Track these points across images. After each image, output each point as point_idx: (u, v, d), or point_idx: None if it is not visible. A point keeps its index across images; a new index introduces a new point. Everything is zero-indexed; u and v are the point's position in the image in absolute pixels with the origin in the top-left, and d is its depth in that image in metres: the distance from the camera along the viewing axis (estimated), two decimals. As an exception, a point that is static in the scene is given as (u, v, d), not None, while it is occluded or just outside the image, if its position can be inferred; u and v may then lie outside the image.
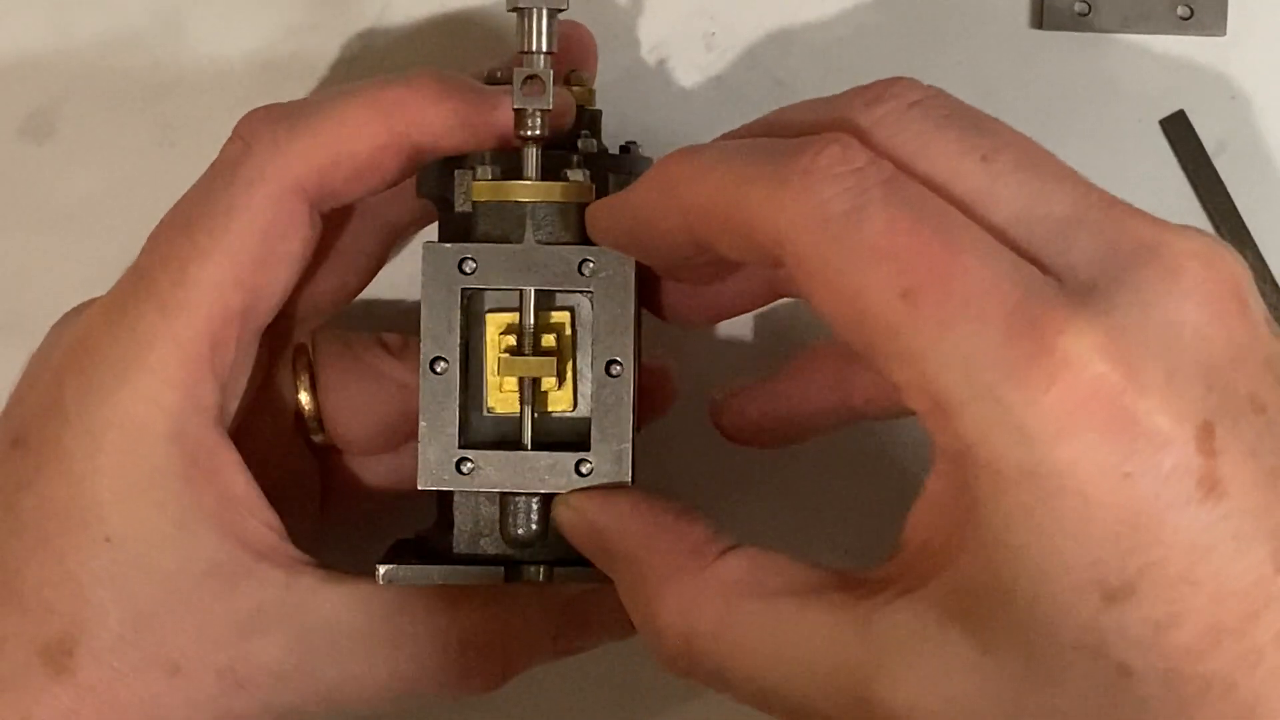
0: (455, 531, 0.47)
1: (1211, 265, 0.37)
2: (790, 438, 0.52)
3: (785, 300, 0.53)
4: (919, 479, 0.40)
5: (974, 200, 0.38)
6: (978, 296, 0.36)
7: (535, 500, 0.46)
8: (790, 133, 0.41)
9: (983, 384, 0.35)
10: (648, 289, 0.47)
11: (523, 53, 0.45)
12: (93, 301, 0.48)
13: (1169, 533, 0.35)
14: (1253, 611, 0.35)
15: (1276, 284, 0.57)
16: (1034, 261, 0.37)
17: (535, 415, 0.46)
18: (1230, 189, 0.57)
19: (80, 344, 0.47)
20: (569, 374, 0.46)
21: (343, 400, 0.51)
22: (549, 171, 0.46)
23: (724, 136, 0.44)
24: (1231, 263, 0.37)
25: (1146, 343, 0.35)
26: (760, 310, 0.53)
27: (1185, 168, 0.57)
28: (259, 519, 0.47)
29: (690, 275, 0.47)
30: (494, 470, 0.45)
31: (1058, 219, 0.38)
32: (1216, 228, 0.57)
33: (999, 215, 0.38)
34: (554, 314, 0.46)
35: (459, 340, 0.45)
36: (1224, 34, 0.57)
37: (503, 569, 0.47)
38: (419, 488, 0.46)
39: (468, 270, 0.45)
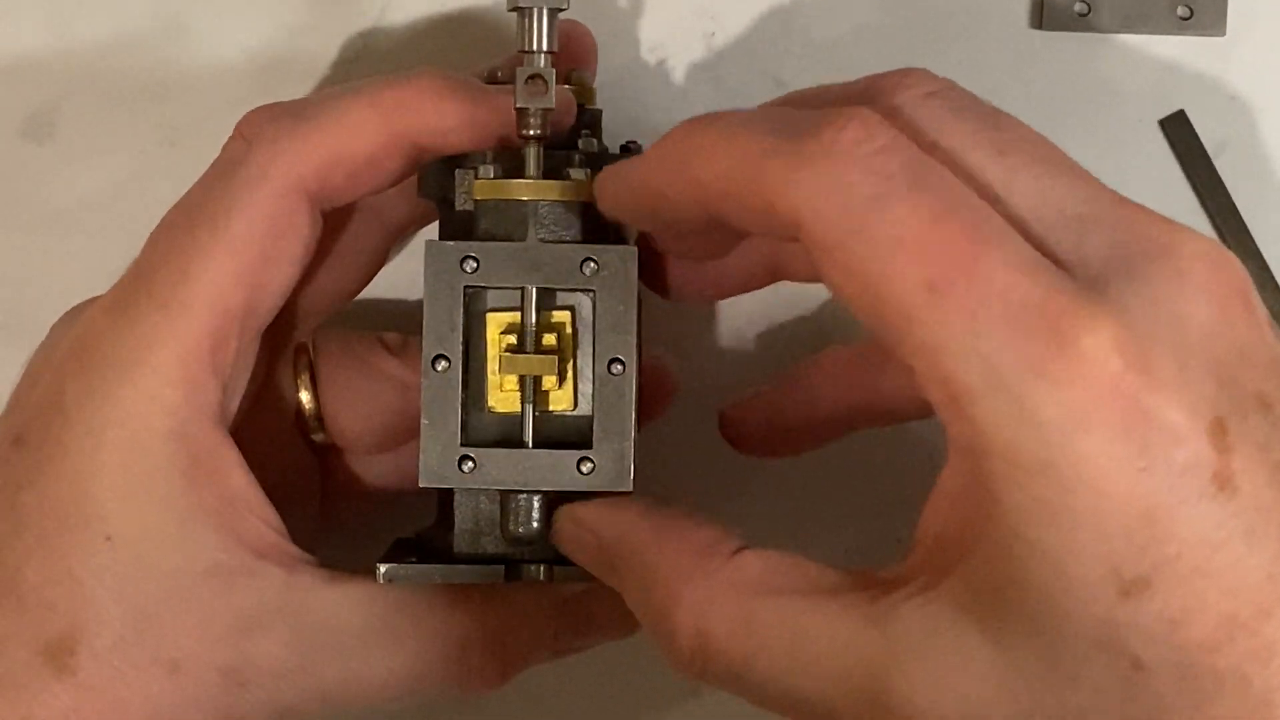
0: (456, 530, 0.47)
1: (1218, 267, 0.37)
2: (797, 447, 0.52)
3: (786, 305, 0.53)
4: (920, 480, 0.40)
5: (990, 192, 0.38)
6: (1002, 292, 0.36)
7: (536, 498, 0.46)
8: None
9: (1004, 378, 0.35)
10: (648, 267, 0.47)
11: (523, 52, 0.46)
12: (94, 300, 0.48)
13: (1183, 527, 0.35)
14: (1265, 607, 0.35)
15: (1277, 284, 0.57)
16: (1047, 254, 0.37)
17: (536, 414, 0.46)
18: (1230, 189, 0.57)
19: (81, 343, 0.47)
20: (570, 373, 0.46)
21: (343, 399, 0.51)
22: (550, 171, 0.46)
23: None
24: (1237, 265, 0.38)
25: (1160, 340, 0.36)
26: (760, 313, 0.53)
27: (1185, 168, 0.57)
28: (260, 518, 0.47)
29: (696, 249, 0.47)
30: (495, 468, 0.45)
31: (1071, 215, 0.38)
32: (1216, 228, 0.57)
33: (1013, 209, 0.38)
34: (555, 313, 0.46)
35: (460, 339, 0.45)
36: (1224, 34, 0.57)
37: (503, 568, 0.47)
38: (420, 485, 0.46)
39: (469, 269, 0.45)
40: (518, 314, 0.46)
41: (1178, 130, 0.57)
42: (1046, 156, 0.39)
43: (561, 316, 0.46)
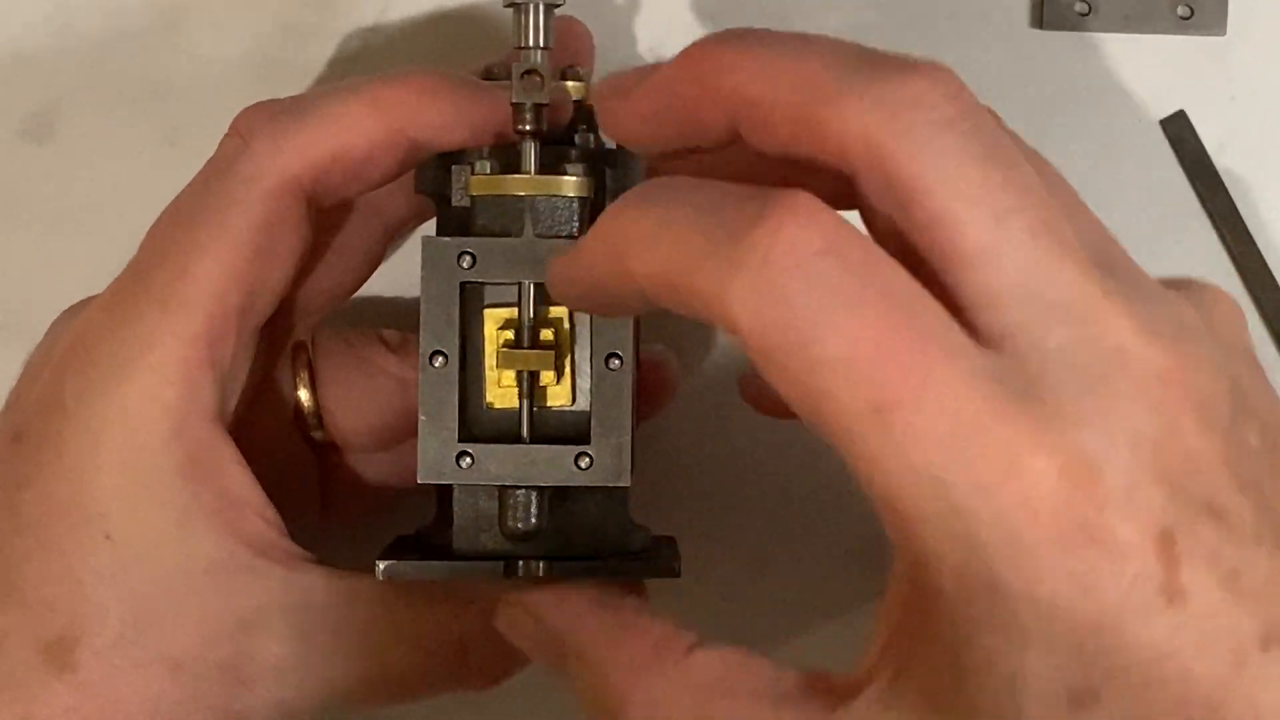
0: (455, 527, 0.47)
1: (1172, 382, 0.36)
2: None
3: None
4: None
5: (973, 258, 0.36)
6: (951, 412, 0.35)
7: (535, 494, 0.46)
8: (796, 122, 0.38)
9: (951, 501, 0.35)
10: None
11: (519, 48, 0.46)
12: (92, 299, 0.48)
13: (1132, 639, 0.35)
14: (1214, 710, 0.35)
15: (1278, 284, 0.57)
16: (1007, 342, 0.36)
17: (534, 409, 0.46)
18: (1230, 189, 0.57)
19: (80, 341, 0.47)
20: (567, 368, 0.46)
21: (342, 396, 0.51)
22: (547, 166, 0.46)
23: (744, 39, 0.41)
24: (1194, 375, 0.37)
25: (1108, 457, 0.35)
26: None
27: (1185, 168, 0.57)
28: (259, 515, 0.47)
29: None
30: (493, 464, 0.45)
31: (1047, 302, 0.36)
32: (1216, 228, 0.57)
33: (993, 281, 0.36)
34: (552, 308, 0.46)
35: (458, 334, 0.45)
36: (1224, 34, 0.57)
37: (502, 564, 0.46)
38: (419, 481, 0.45)
39: (466, 264, 0.45)
40: (515, 309, 0.46)
41: (1178, 130, 0.57)
42: (1045, 229, 0.37)
43: (559, 312, 0.46)
